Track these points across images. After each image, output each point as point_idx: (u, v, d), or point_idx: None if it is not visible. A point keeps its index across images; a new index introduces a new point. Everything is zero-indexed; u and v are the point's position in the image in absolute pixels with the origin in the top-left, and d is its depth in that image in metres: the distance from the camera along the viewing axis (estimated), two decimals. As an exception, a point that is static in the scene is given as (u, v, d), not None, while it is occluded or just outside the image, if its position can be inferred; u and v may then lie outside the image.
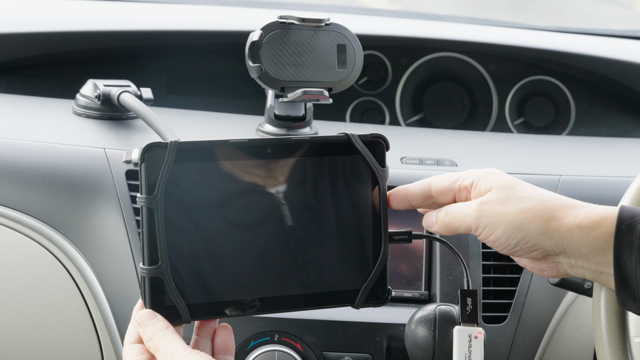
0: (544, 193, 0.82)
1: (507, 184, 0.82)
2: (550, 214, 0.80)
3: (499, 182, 0.83)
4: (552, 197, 0.81)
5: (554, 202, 0.81)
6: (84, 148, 1.14)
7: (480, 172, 0.84)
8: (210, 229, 0.83)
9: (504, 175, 0.84)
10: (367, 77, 1.59)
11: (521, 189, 0.82)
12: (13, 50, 1.48)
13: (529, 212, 0.80)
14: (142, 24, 1.55)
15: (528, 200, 0.81)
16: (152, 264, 0.81)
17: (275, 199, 0.85)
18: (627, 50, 1.64)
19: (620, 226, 0.75)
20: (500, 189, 0.82)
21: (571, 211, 0.80)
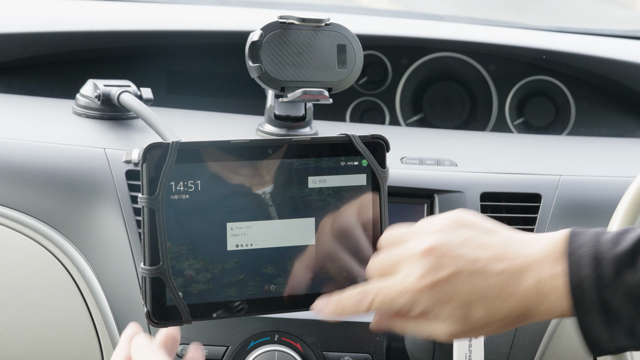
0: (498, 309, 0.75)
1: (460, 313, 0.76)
2: (515, 323, 0.76)
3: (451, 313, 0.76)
4: (507, 310, 0.75)
5: (515, 316, 0.75)
6: (84, 148, 1.14)
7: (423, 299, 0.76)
8: (211, 229, 0.83)
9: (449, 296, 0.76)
10: (367, 77, 1.59)
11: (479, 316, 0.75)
12: (13, 50, 1.48)
13: (496, 332, 0.77)
14: (142, 24, 1.55)
15: (494, 326, 0.76)
16: (153, 264, 0.81)
17: (276, 199, 0.85)
18: (627, 50, 1.64)
19: (573, 294, 0.72)
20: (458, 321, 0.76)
21: (532, 316, 0.75)
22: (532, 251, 0.75)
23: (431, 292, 0.75)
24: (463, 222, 0.78)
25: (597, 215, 1.14)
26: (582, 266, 0.72)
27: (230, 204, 0.84)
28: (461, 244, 0.76)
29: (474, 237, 0.77)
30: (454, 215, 0.79)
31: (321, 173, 0.86)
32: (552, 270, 0.73)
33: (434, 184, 1.14)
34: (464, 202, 1.12)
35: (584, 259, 0.73)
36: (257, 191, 0.85)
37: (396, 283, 0.77)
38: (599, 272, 0.72)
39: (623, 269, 0.71)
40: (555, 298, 0.73)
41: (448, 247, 0.76)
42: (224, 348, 1.03)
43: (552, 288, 0.73)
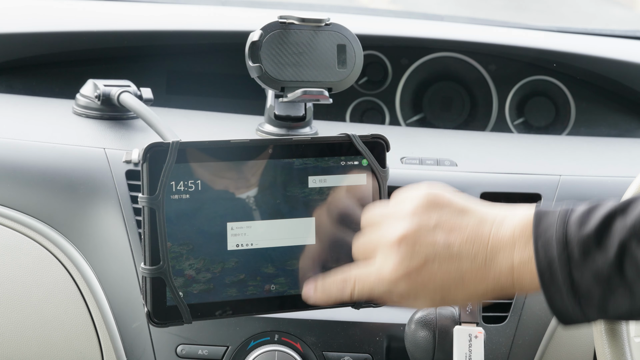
0: (474, 290, 0.77)
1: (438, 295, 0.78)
2: (497, 297, 0.79)
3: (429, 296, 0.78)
4: (482, 290, 0.77)
5: (493, 293, 0.77)
6: (84, 148, 1.14)
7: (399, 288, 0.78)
8: (211, 229, 0.83)
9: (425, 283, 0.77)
10: (367, 77, 1.59)
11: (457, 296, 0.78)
12: (13, 50, 1.48)
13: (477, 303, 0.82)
14: (142, 24, 1.55)
15: (474, 300, 0.79)
16: (153, 264, 0.81)
17: (276, 199, 0.85)
18: (627, 50, 1.64)
19: (542, 277, 0.74)
20: (436, 301, 0.79)
21: (508, 293, 0.77)
22: (504, 233, 0.76)
23: (407, 280, 0.77)
24: (436, 202, 0.79)
25: (597, 215, 1.14)
26: (550, 248, 0.73)
27: (230, 203, 0.84)
28: (434, 228, 0.77)
29: (446, 220, 0.78)
30: (427, 195, 0.79)
31: (321, 173, 0.86)
32: (522, 253, 0.75)
33: (434, 184, 1.14)
34: (464, 202, 1.12)
35: (551, 241, 0.74)
36: (258, 191, 0.85)
37: (373, 272, 0.79)
38: (567, 254, 0.73)
39: (590, 250, 0.72)
40: (528, 280, 0.75)
41: (420, 233, 0.77)
42: (224, 348, 1.03)
43: (524, 271, 0.75)
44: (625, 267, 0.71)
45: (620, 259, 0.71)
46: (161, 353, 1.03)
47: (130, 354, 1.03)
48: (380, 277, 0.78)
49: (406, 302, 0.79)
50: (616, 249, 0.72)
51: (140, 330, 1.03)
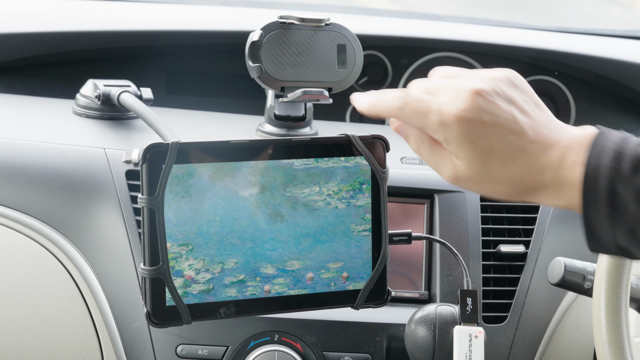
0: (515, 171, 0.76)
1: (479, 158, 0.76)
2: (520, 193, 0.77)
3: (471, 155, 0.76)
4: (522, 176, 0.76)
5: (526, 185, 0.76)
6: (84, 148, 1.14)
7: (453, 130, 0.76)
8: (210, 229, 0.83)
9: (477, 140, 0.76)
10: (367, 77, 1.59)
11: (494, 169, 0.76)
12: (13, 50, 1.48)
13: (502, 194, 0.77)
14: (142, 24, 1.55)
15: (502, 186, 0.77)
16: (153, 264, 0.81)
17: (276, 199, 0.85)
18: (627, 50, 1.64)
19: (586, 181, 0.73)
20: (472, 166, 0.76)
21: (542, 193, 0.76)
22: (565, 135, 0.76)
23: (465, 125, 0.75)
24: (518, 84, 0.79)
25: (597, 215, 1.14)
26: (602, 157, 0.73)
27: (230, 204, 0.84)
28: (511, 102, 0.77)
29: (523, 101, 0.78)
30: (511, 73, 0.80)
31: (321, 173, 0.86)
32: (575, 155, 0.74)
33: (433, 184, 1.14)
34: (464, 202, 1.12)
35: (606, 151, 0.73)
36: (257, 191, 0.85)
37: (436, 101, 0.77)
38: (617, 165, 0.72)
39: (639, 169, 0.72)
40: (569, 183, 0.74)
41: (499, 98, 0.76)
42: (224, 348, 1.03)
43: (570, 172, 0.74)
44: None
45: None
46: (161, 353, 1.03)
47: (130, 354, 1.03)
48: (442, 108, 0.76)
49: (441, 152, 0.77)
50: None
51: (140, 330, 1.03)
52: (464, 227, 1.11)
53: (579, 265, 1.01)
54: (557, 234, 1.13)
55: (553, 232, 1.13)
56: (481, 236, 1.11)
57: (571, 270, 1.00)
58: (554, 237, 1.13)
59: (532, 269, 1.11)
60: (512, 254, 1.11)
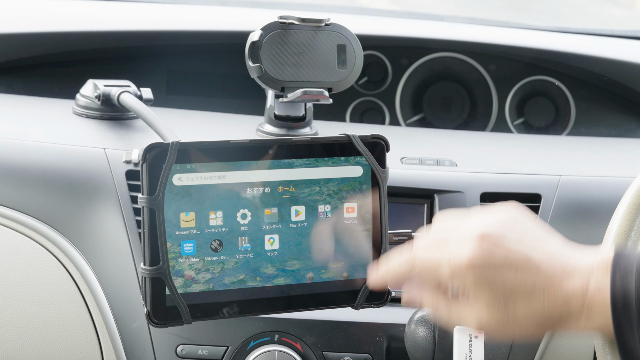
0: (540, 307, 0.75)
1: (500, 299, 0.75)
2: (549, 327, 0.76)
3: (490, 298, 0.75)
4: (548, 310, 0.75)
5: (554, 318, 0.75)
6: (84, 148, 1.14)
7: (467, 278, 0.76)
8: (211, 229, 0.83)
9: (493, 283, 0.75)
10: (367, 77, 1.59)
11: (518, 309, 0.75)
12: (13, 50, 1.48)
13: (532, 333, 0.76)
14: (142, 24, 1.55)
15: (530, 324, 0.76)
16: (153, 264, 0.81)
17: (276, 199, 0.85)
18: (627, 50, 1.63)
19: (615, 305, 0.72)
20: (494, 309, 0.76)
21: (571, 322, 0.75)
22: (583, 261, 0.76)
23: (478, 272, 0.75)
24: (521, 221, 0.79)
25: (597, 215, 1.14)
26: (628, 278, 0.73)
27: (230, 203, 0.84)
28: (518, 240, 0.77)
29: (530, 237, 0.77)
30: (513, 211, 0.80)
31: (321, 173, 0.86)
32: (599, 279, 0.74)
33: (434, 184, 1.14)
34: (464, 202, 1.12)
35: (631, 272, 0.73)
36: (257, 191, 0.85)
37: (444, 254, 0.77)
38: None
39: None
40: (598, 307, 0.73)
41: (505, 239, 0.76)
42: (224, 348, 1.03)
43: (597, 298, 0.74)
44: None
45: None
46: (161, 353, 1.03)
47: (130, 354, 1.03)
48: (452, 260, 0.76)
49: (461, 304, 0.77)
50: None
51: (140, 330, 1.03)
52: (464, 227, 1.11)
53: (579, 265, 1.01)
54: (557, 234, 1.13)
55: (553, 232, 1.13)
56: (481, 236, 1.11)
57: (571, 270, 1.00)
58: (554, 237, 1.13)
59: (532, 269, 1.10)
60: (512, 254, 1.11)
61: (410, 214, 1.13)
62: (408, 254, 0.79)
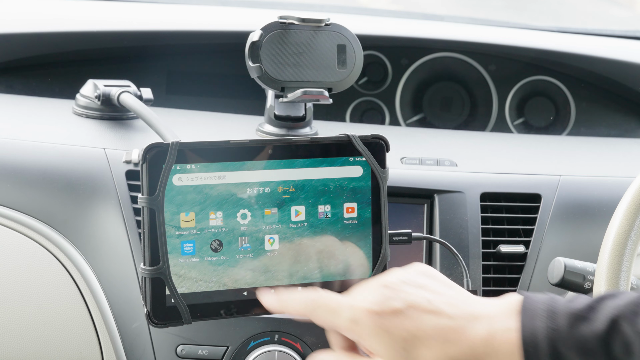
0: (443, 353, 0.73)
1: (401, 347, 0.73)
2: None
3: (390, 347, 0.74)
4: (452, 355, 0.72)
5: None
6: (84, 148, 1.14)
7: (365, 325, 0.74)
8: (211, 229, 0.83)
9: (393, 332, 0.73)
10: (367, 77, 1.59)
11: (420, 356, 0.73)
12: (13, 50, 1.48)
13: None
14: (142, 24, 1.55)
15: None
16: (153, 264, 0.81)
17: (276, 199, 0.85)
18: (627, 50, 1.64)
19: (525, 347, 0.70)
20: (394, 358, 0.74)
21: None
22: (488, 306, 0.74)
23: (376, 317, 0.74)
24: (428, 273, 0.78)
25: (597, 215, 1.14)
26: (536, 319, 0.71)
27: (229, 204, 0.84)
28: (422, 286, 0.76)
29: (433, 285, 0.77)
30: (423, 266, 0.79)
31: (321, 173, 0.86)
32: (505, 323, 0.72)
33: (434, 184, 1.14)
34: (464, 202, 1.12)
35: (539, 313, 0.71)
36: (257, 191, 0.85)
37: (346, 298, 0.77)
38: (553, 325, 0.70)
39: (577, 323, 0.70)
40: (505, 351, 0.71)
41: (407, 286, 0.76)
42: (224, 348, 1.03)
43: (503, 340, 0.71)
44: (613, 345, 0.69)
45: (608, 333, 0.69)
46: (161, 353, 1.03)
47: (130, 354, 1.03)
48: (352, 303, 0.75)
49: (367, 345, 0.75)
50: (606, 324, 0.69)
51: (140, 330, 1.03)
52: (464, 227, 1.11)
53: (579, 265, 1.01)
54: (557, 234, 1.13)
55: (553, 232, 1.13)
56: (481, 236, 1.11)
57: (571, 271, 1.00)
58: (554, 237, 1.13)
59: (532, 269, 1.11)
60: (512, 254, 1.11)
61: (410, 214, 1.13)
62: (314, 290, 0.79)
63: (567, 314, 0.71)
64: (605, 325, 0.69)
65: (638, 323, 0.69)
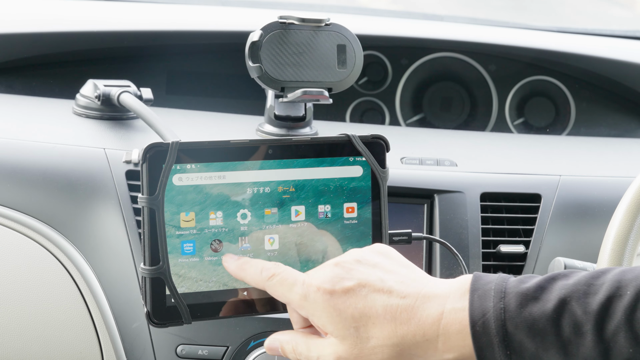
0: (392, 332, 0.72)
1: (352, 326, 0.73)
2: (408, 356, 0.73)
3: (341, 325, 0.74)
4: (401, 334, 0.72)
5: (410, 343, 0.72)
6: (84, 148, 1.14)
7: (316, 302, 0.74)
8: (211, 229, 0.83)
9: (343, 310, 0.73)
10: (367, 77, 1.59)
11: (371, 335, 0.73)
12: (13, 50, 1.48)
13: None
14: (142, 24, 1.55)
15: (386, 352, 0.73)
16: (153, 264, 0.81)
17: (276, 199, 0.85)
18: (627, 50, 1.64)
19: (474, 326, 0.70)
20: (347, 338, 0.73)
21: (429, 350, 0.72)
22: (440, 286, 0.74)
23: (327, 295, 0.74)
24: (384, 252, 0.78)
25: (597, 215, 1.14)
26: (486, 299, 0.71)
27: (229, 204, 0.84)
28: (375, 265, 0.76)
29: (387, 264, 0.77)
30: (379, 246, 0.80)
31: (321, 173, 0.86)
32: (456, 303, 0.72)
33: (434, 184, 1.14)
34: (464, 202, 1.12)
35: (488, 293, 0.71)
36: (257, 191, 0.85)
37: (302, 275, 0.77)
38: (503, 304, 0.70)
39: (527, 303, 0.70)
40: (455, 331, 0.71)
41: (360, 264, 0.76)
42: (224, 348, 1.03)
43: (453, 320, 0.71)
44: (562, 323, 0.69)
45: (558, 313, 0.69)
46: (161, 353, 1.03)
47: (130, 354, 1.03)
48: (306, 280, 0.76)
49: (318, 323, 0.75)
50: (555, 303, 0.69)
51: (140, 330, 1.03)
52: (464, 227, 1.11)
53: (579, 265, 1.01)
54: (557, 234, 1.13)
55: (553, 232, 1.13)
56: (481, 236, 1.11)
57: (571, 270, 1.00)
58: (554, 237, 1.13)
59: (532, 269, 1.11)
60: (512, 254, 1.11)
61: (410, 214, 1.13)
62: (274, 263, 0.80)
63: (517, 294, 0.70)
64: (555, 305, 0.69)
65: (588, 303, 0.69)
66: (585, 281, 0.70)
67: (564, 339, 0.69)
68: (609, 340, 0.68)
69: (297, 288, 0.76)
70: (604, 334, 0.68)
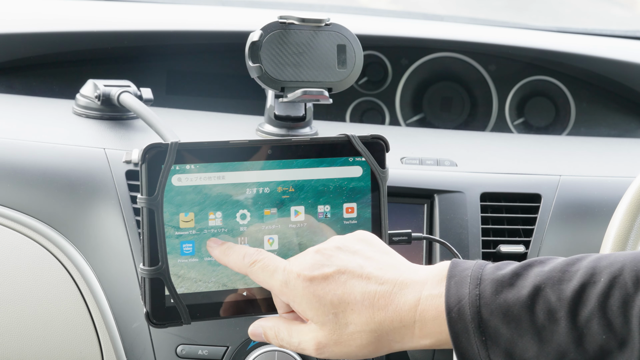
0: (370, 318, 0.73)
1: (330, 312, 0.74)
2: (386, 342, 0.74)
3: (320, 312, 0.75)
4: (378, 320, 0.73)
5: (387, 329, 0.73)
6: (84, 148, 1.14)
7: (296, 289, 0.76)
8: (210, 230, 0.83)
9: (322, 297, 0.75)
10: (367, 77, 1.59)
11: (349, 321, 0.74)
12: (13, 50, 1.48)
13: (366, 349, 0.74)
14: (142, 24, 1.55)
15: (364, 338, 0.74)
16: (152, 264, 0.81)
17: (275, 199, 0.85)
18: (627, 50, 1.64)
19: (450, 312, 0.71)
20: (326, 324, 0.75)
21: (406, 336, 0.73)
22: (418, 272, 0.75)
23: (307, 282, 0.75)
24: (364, 238, 0.80)
25: (597, 215, 1.14)
26: (462, 285, 0.72)
27: (229, 204, 0.84)
28: (355, 252, 0.77)
29: (367, 251, 0.78)
30: (361, 233, 0.81)
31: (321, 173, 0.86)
32: (433, 290, 0.73)
33: (434, 184, 1.14)
34: (464, 202, 1.12)
35: (465, 280, 0.72)
36: (257, 191, 0.85)
37: (283, 262, 0.78)
38: (478, 291, 0.71)
39: (502, 289, 0.70)
40: (431, 317, 0.72)
41: (340, 251, 0.77)
42: (224, 348, 1.03)
43: (430, 306, 0.72)
44: (536, 309, 0.69)
45: (532, 300, 0.69)
46: (161, 353, 1.03)
47: (130, 354, 1.03)
48: (287, 267, 0.77)
49: (299, 309, 0.76)
50: (530, 289, 0.70)
51: (140, 330, 1.03)
52: (464, 227, 1.11)
53: (579, 265, 1.01)
54: (557, 234, 1.13)
55: (553, 232, 1.13)
56: (481, 236, 1.11)
57: (571, 271, 1.00)
58: (554, 237, 1.13)
59: (532, 269, 1.10)
60: (512, 254, 1.11)
61: (410, 214, 1.13)
62: (257, 250, 0.80)
63: (493, 281, 0.71)
64: (529, 292, 0.70)
65: (562, 290, 0.70)
66: (560, 268, 0.71)
67: (538, 325, 0.69)
68: (583, 327, 0.69)
69: (278, 274, 0.77)
70: (578, 321, 0.69)
